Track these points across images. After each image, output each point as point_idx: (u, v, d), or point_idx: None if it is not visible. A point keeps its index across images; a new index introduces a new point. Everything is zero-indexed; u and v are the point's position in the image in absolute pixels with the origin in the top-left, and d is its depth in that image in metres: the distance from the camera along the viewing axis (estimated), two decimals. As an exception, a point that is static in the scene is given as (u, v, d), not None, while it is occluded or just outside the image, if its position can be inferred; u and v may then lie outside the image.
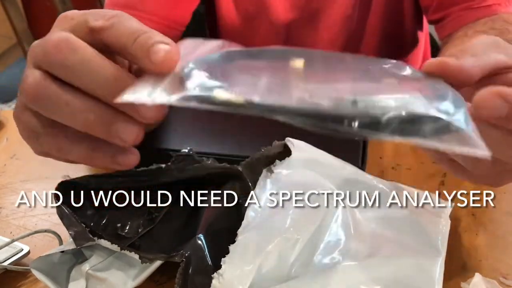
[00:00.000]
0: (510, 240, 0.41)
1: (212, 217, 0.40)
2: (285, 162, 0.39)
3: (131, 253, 0.35)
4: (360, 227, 0.37)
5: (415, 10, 0.73)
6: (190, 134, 0.47)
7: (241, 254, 0.33)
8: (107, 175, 0.42)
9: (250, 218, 0.35)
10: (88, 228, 0.37)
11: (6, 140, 0.61)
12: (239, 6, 0.72)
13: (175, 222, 0.42)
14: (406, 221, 0.38)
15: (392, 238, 0.37)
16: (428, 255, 0.35)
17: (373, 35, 0.73)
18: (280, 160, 0.39)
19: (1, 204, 0.49)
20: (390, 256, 0.35)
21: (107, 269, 0.36)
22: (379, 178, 0.42)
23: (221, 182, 0.43)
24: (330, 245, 0.35)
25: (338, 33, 0.72)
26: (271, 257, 0.33)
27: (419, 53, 0.82)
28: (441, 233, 0.37)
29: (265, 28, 0.73)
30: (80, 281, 0.36)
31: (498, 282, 0.36)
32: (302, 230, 0.35)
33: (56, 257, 0.37)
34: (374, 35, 0.73)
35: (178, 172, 0.42)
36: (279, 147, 0.41)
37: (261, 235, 0.34)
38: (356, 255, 0.35)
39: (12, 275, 0.40)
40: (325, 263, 0.34)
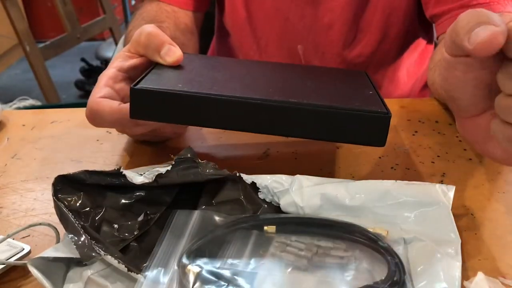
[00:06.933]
0: (509, 240, 0.41)
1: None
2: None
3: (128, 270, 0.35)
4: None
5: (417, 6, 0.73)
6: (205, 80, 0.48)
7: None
8: (106, 172, 0.42)
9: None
10: (81, 224, 0.38)
11: (7, 140, 0.62)
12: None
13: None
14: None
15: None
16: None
17: (375, 13, 0.73)
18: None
19: (2, 204, 0.49)
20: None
21: (109, 277, 0.36)
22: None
23: (219, 186, 0.44)
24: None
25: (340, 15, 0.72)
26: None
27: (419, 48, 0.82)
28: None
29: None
30: (78, 283, 0.36)
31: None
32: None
33: (52, 256, 0.37)
34: (376, 13, 0.73)
35: (178, 177, 0.42)
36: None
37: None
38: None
39: (12, 275, 0.40)
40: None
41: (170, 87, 0.42)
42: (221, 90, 0.42)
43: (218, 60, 0.59)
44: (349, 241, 0.38)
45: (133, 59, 0.50)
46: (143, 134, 0.54)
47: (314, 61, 0.78)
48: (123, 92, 0.50)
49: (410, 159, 0.53)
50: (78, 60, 2.95)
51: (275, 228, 0.39)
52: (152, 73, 0.46)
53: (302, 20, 0.75)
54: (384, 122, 0.40)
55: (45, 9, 3.43)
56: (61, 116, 0.67)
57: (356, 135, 0.41)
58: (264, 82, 0.49)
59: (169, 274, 0.35)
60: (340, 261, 0.36)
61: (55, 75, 2.36)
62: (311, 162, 0.53)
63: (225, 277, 0.34)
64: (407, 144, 0.56)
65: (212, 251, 0.37)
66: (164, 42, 0.48)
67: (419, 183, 0.41)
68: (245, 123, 0.42)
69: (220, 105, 0.41)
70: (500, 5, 0.59)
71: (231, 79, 0.49)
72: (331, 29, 0.74)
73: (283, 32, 0.77)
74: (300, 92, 0.46)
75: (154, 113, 0.43)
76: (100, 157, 0.56)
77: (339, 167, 0.52)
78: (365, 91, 0.47)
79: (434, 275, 0.34)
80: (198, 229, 0.39)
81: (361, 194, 0.41)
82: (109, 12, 2.62)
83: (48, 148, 0.59)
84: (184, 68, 0.49)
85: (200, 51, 0.81)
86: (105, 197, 0.42)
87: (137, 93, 0.42)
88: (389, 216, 0.40)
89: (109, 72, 0.50)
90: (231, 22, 0.82)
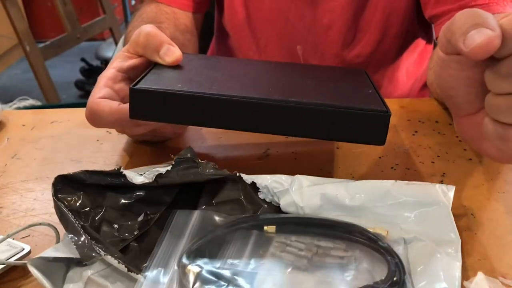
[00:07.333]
0: (509, 240, 0.41)
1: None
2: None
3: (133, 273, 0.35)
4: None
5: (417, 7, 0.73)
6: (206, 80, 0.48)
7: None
8: (106, 172, 0.42)
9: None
10: (81, 224, 0.38)
11: (7, 140, 0.62)
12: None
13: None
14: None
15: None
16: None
17: (375, 13, 0.73)
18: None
19: (2, 204, 0.49)
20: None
21: (109, 277, 0.36)
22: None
23: (219, 186, 0.44)
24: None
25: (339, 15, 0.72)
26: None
27: (418, 48, 0.82)
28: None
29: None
30: (78, 283, 0.36)
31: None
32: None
33: (52, 256, 0.37)
34: (375, 13, 0.73)
35: (178, 177, 0.42)
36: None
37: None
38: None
39: (12, 275, 0.40)
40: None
41: (169, 87, 0.42)
42: (220, 90, 0.42)
43: (218, 60, 0.59)
44: (349, 241, 0.38)
45: (132, 60, 0.50)
46: (143, 134, 0.54)
47: (313, 61, 0.78)
48: (123, 92, 0.50)
49: (410, 159, 0.53)
50: (78, 60, 2.95)
51: (275, 228, 0.39)
52: (151, 73, 0.46)
53: (301, 21, 0.75)
54: (384, 120, 0.40)
55: (45, 9, 3.43)
56: (61, 116, 0.67)
57: (356, 134, 0.41)
58: (263, 81, 0.49)
59: (169, 274, 0.35)
60: (340, 261, 0.36)
61: (55, 75, 2.36)
62: (311, 162, 0.53)
63: (225, 277, 0.34)
64: (407, 144, 0.56)
65: (212, 251, 0.37)
66: (163, 42, 0.48)
67: (419, 183, 0.41)
68: (245, 122, 0.42)
69: (219, 104, 0.41)
70: (499, 6, 0.59)
71: (230, 79, 0.49)
72: (331, 29, 0.74)
73: (282, 32, 0.77)
74: (300, 91, 0.46)
75: (153, 113, 0.43)
76: (100, 157, 0.56)
77: (339, 167, 0.52)
78: (365, 89, 0.47)
79: (434, 275, 0.34)
80: (198, 229, 0.39)
81: (361, 194, 0.41)
82: (109, 12, 2.62)
83: (48, 148, 0.59)
84: (184, 68, 0.49)
85: (199, 51, 0.81)
86: (105, 197, 0.42)
87: (136, 93, 0.42)
88: (389, 216, 0.40)
89: (108, 72, 0.50)
90: (230, 23, 0.82)
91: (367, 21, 0.74)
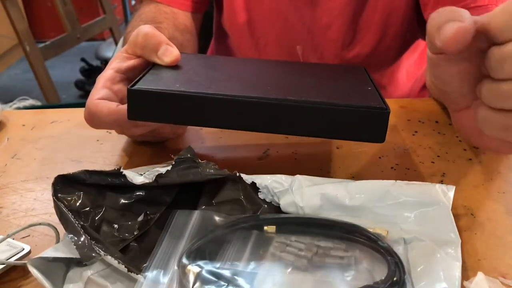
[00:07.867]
0: (509, 240, 0.41)
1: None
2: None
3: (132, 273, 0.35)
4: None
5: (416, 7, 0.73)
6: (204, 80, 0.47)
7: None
8: (106, 172, 0.42)
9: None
10: (81, 224, 0.38)
11: (7, 140, 0.62)
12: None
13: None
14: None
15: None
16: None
17: (374, 14, 0.73)
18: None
19: (2, 204, 0.49)
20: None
21: (109, 277, 0.36)
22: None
23: (219, 186, 0.44)
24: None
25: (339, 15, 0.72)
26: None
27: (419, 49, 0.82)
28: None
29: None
30: (78, 284, 0.36)
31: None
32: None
33: (52, 256, 0.37)
34: (375, 13, 0.73)
35: (178, 177, 0.42)
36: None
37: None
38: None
39: (12, 275, 0.40)
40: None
41: (167, 87, 0.42)
42: (219, 89, 0.42)
43: (216, 59, 0.59)
44: (349, 241, 0.38)
45: (130, 60, 0.50)
46: (143, 135, 0.54)
47: (312, 61, 0.78)
48: (121, 93, 0.50)
49: (410, 159, 0.53)
50: (78, 60, 2.95)
51: (275, 228, 0.39)
52: (149, 73, 0.46)
53: (301, 21, 0.75)
54: (383, 117, 0.40)
55: (45, 9, 3.43)
56: (61, 116, 0.67)
57: (356, 132, 0.41)
58: (262, 80, 0.49)
59: (169, 274, 0.35)
60: (340, 261, 0.36)
61: (55, 75, 2.36)
62: (311, 162, 0.53)
63: (225, 277, 0.34)
64: (407, 144, 0.56)
65: (212, 251, 0.37)
66: (161, 42, 0.48)
67: (419, 183, 0.41)
68: (244, 122, 0.42)
69: (218, 104, 0.41)
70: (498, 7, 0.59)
71: (229, 78, 0.49)
72: (330, 30, 0.74)
73: (282, 32, 0.77)
74: (298, 89, 0.46)
75: (152, 114, 0.43)
76: (100, 157, 0.56)
77: (339, 167, 0.52)
78: (364, 87, 0.47)
79: (434, 275, 0.34)
80: (198, 229, 0.39)
81: (361, 194, 0.41)
82: (109, 12, 2.62)
83: (48, 148, 0.59)
84: (182, 68, 0.49)
85: (199, 51, 0.81)
86: (105, 197, 0.42)
87: (134, 94, 0.42)
88: (389, 216, 0.40)
89: (106, 73, 0.50)
90: (230, 23, 0.82)
91: (367, 21, 0.74)
